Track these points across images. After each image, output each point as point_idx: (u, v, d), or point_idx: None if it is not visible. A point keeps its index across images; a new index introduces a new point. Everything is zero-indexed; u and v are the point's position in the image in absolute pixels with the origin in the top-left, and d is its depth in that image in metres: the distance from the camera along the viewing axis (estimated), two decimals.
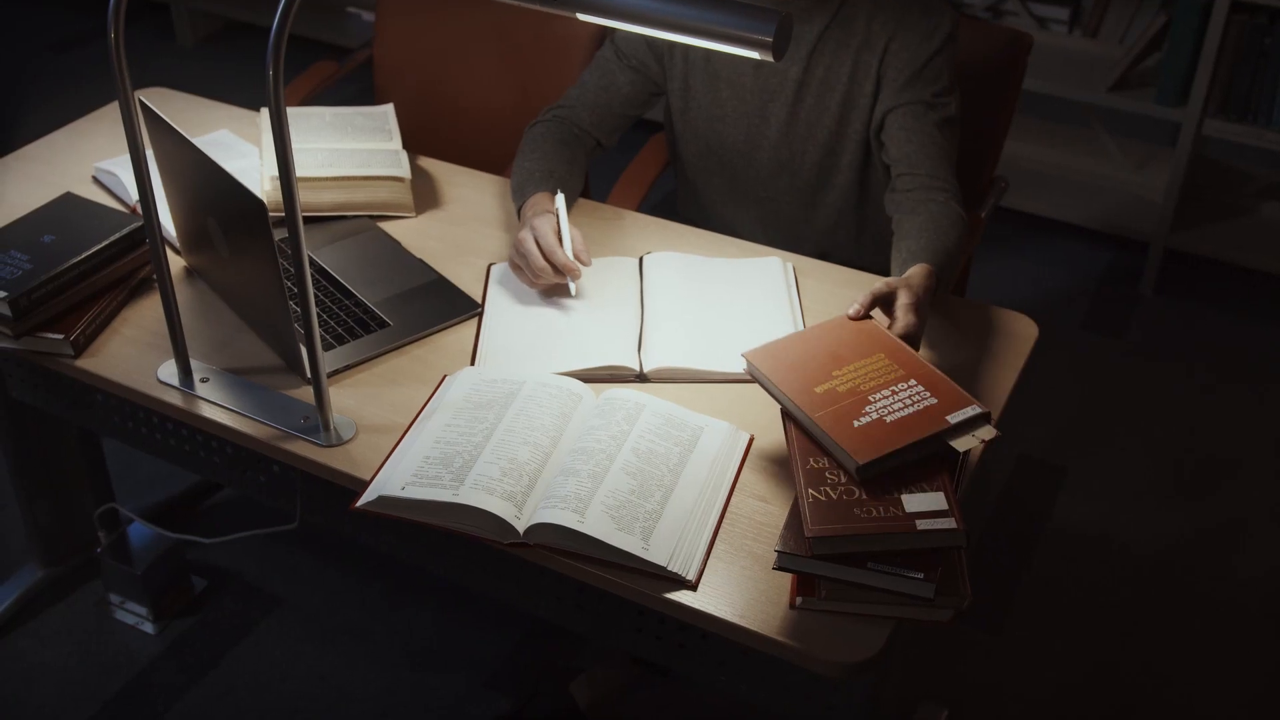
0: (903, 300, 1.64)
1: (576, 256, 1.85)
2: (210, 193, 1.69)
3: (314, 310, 1.54)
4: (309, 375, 1.69)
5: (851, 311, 1.64)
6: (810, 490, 1.41)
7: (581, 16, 1.46)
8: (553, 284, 1.86)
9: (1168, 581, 2.56)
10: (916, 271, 1.71)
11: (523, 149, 2.08)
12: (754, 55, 1.39)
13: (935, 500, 1.39)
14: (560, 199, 1.93)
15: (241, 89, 4.04)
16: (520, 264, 1.86)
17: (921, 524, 1.36)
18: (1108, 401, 3.03)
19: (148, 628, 2.42)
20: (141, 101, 1.76)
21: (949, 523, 1.36)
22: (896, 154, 1.96)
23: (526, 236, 1.85)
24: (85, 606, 2.47)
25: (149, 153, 1.86)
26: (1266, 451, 2.87)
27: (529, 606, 1.69)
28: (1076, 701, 2.31)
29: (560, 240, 1.85)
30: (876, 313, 1.66)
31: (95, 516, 2.46)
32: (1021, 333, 1.86)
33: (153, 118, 1.74)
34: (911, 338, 1.62)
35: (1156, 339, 3.23)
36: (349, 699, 2.30)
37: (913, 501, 1.39)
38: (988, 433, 1.45)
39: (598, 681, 2.21)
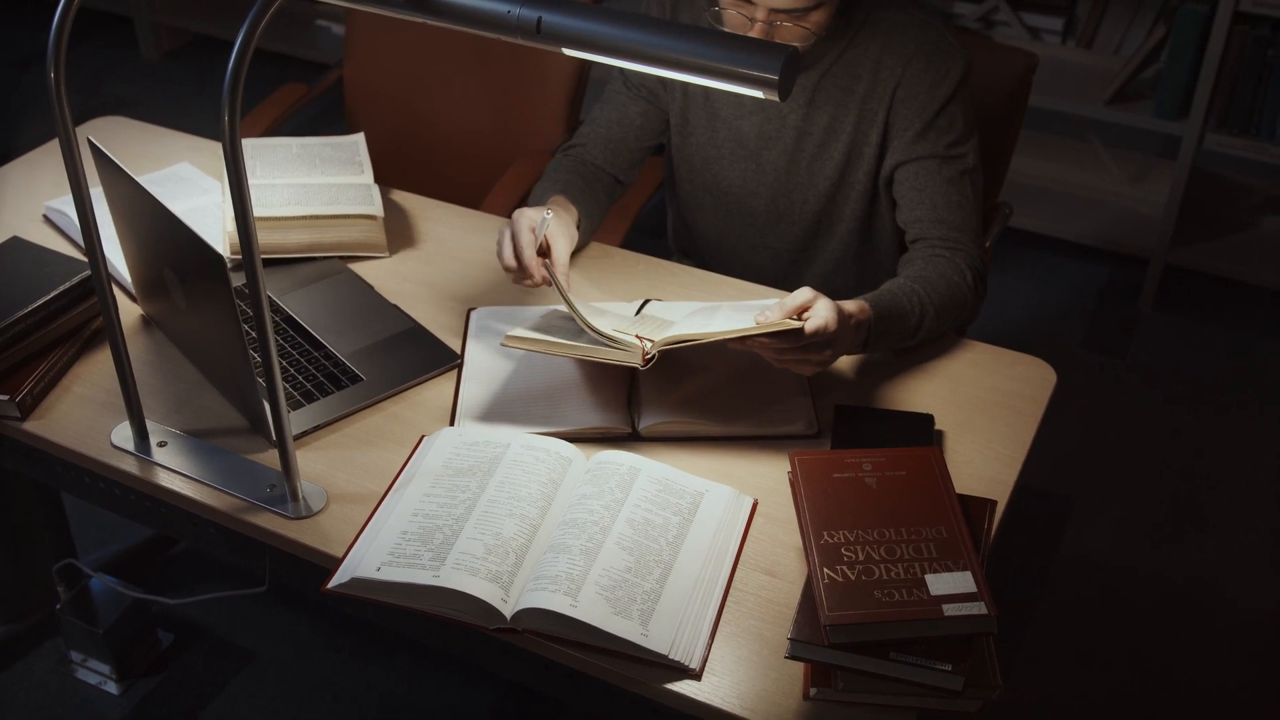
0: (824, 301, 1.56)
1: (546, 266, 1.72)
2: (166, 242, 1.56)
3: (278, 374, 1.41)
4: (274, 439, 1.56)
5: (760, 317, 1.54)
6: (825, 569, 1.29)
7: (568, 52, 1.34)
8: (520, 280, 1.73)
9: (1177, 611, 2.47)
10: (852, 302, 1.64)
11: (533, 193, 1.97)
12: (757, 94, 1.27)
13: (963, 581, 1.27)
14: (557, 219, 1.78)
15: (208, 106, 3.90)
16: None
17: (949, 609, 1.24)
18: (1109, 422, 2.93)
19: (111, 688, 2.29)
20: (91, 143, 1.63)
21: (979, 607, 1.25)
22: (909, 216, 1.84)
23: (505, 228, 1.74)
24: (46, 665, 2.33)
25: (101, 197, 1.74)
26: (1271, 471, 2.78)
27: (519, 679, 1.57)
28: None
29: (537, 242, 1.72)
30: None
31: (54, 571, 2.32)
32: (1037, 378, 1.75)
33: (103, 159, 1.61)
34: (820, 336, 1.53)
35: (1157, 357, 3.13)
36: None
37: (938, 582, 1.27)
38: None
39: None
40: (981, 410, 1.68)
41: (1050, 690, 2.32)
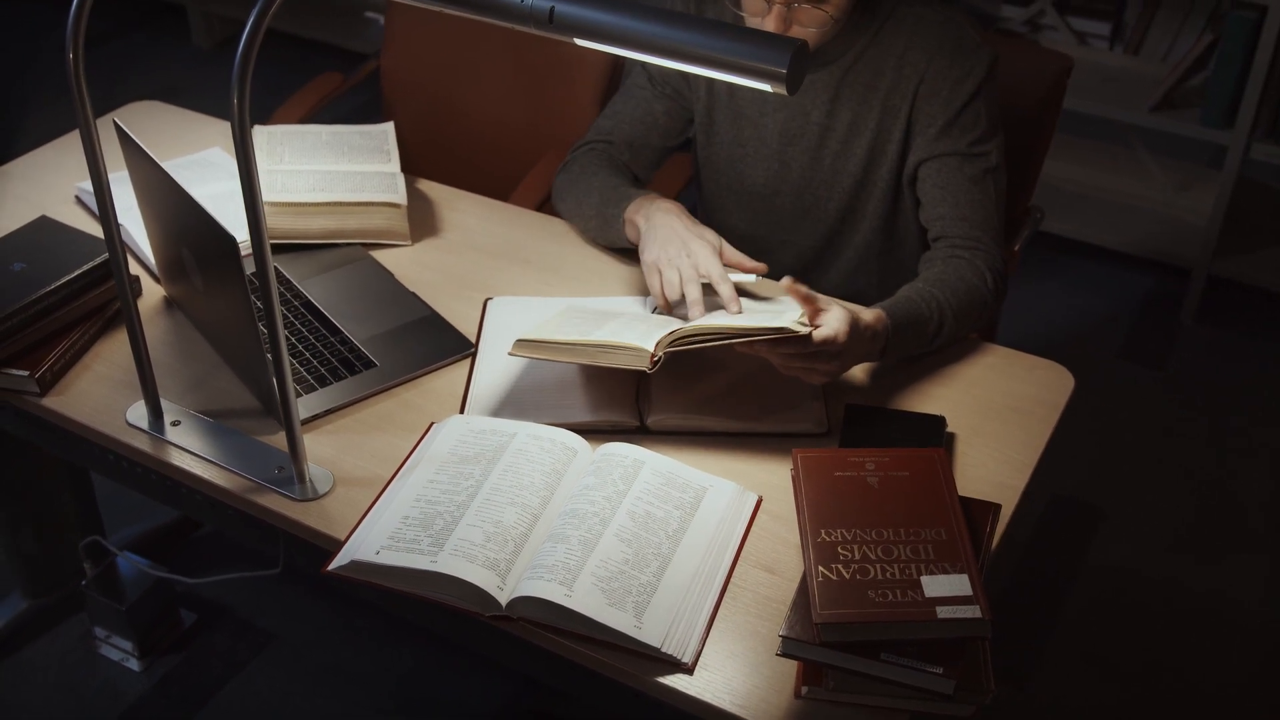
0: (838, 311, 1.54)
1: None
2: (184, 223, 1.58)
3: (285, 354, 1.42)
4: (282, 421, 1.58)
5: (784, 283, 1.53)
6: (820, 568, 1.28)
7: (580, 43, 1.33)
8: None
9: (1196, 620, 2.44)
10: (869, 311, 1.62)
11: (571, 185, 1.95)
12: (765, 88, 1.26)
13: (959, 583, 1.26)
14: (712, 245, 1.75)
15: (258, 95, 3.95)
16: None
17: (943, 611, 1.23)
18: (1144, 435, 2.89)
19: (133, 664, 2.32)
20: (116, 125, 1.65)
21: (973, 611, 1.23)
22: (931, 214, 1.82)
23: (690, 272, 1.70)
24: (70, 640, 2.37)
25: (126, 180, 1.77)
26: None
27: (523, 668, 1.57)
28: None
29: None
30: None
31: (80, 548, 2.35)
32: (1055, 383, 1.72)
33: (127, 141, 1.63)
34: (829, 346, 1.51)
35: (1197, 370, 3.08)
36: None
37: (934, 584, 1.26)
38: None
39: None
40: (996, 414, 1.66)
41: (1062, 693, 2.29)
